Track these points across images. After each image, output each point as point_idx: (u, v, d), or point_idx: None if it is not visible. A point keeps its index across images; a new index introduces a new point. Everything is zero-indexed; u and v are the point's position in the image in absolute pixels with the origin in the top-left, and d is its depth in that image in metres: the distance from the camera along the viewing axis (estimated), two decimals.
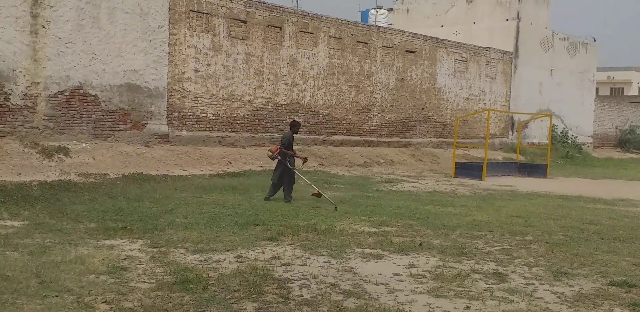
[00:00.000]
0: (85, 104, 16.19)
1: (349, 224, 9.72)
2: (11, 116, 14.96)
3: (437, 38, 26.81)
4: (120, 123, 16.86)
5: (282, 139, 12.56)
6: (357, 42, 23.14)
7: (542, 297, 5.96)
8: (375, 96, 24.00)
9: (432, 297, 5.81)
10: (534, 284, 6.46)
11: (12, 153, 14.40)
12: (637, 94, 59.28)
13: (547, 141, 26.68)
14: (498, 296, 5.93)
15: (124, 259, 6.77)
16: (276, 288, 5.85)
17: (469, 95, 28.15)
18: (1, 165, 13.79)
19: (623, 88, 62.40)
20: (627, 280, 6.63)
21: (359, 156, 22.13)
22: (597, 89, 42.70)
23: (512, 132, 30.29)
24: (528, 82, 31.23)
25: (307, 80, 21.55)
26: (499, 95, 29.86)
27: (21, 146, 14.79)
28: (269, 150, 12.40)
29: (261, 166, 17.83)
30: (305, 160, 12.92)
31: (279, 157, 12.16)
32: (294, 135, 12.69)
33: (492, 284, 6.39)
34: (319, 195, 11.94)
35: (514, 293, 6.06)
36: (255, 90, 20.00)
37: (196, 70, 18.42)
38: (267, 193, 12.26)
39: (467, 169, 20.43)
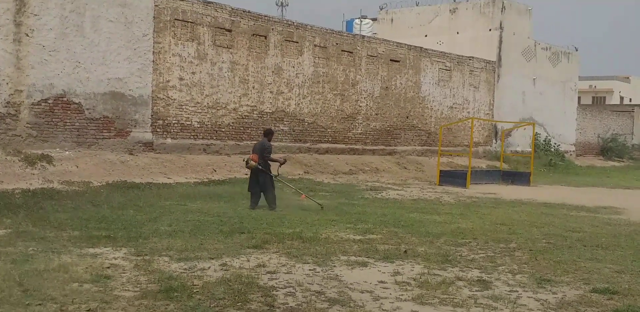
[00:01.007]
0: (69, 112, 16.09)
1: (334, 231, 9.73)
2: None
3: (421, 47, 27.02)
4: (104, 131, 16.77)
5: (266, 147, 12.37)
6: (342, 51, 23.25)
7: (525, 305, 6.01)
8: (360, 104, 24.10)
9: (417, 305, 5.83)
10: (517, 291, 6.51)
11: None
12: (618, 102, 60.09)
13: (530, 149, 26.92)
14: (482, 303, 5.97)
15: (108, 268, 6.72)
16: (261, 296, 5.84)
17: (453, 103, 28.35)
18: None
19: (605, 97, 63.17)
20: (610, 287, 6.71)
21: (344, 163, 22.17)
22: (579, 98, 43.22)
23: (496, 140, 30.53)
24: (511, 91, 31.54)
25: (292, 89, 21.59)
26: (483, 104, 30.11)
27: (4, 154, 14.65)
28: (250, 160, 12.08)
29: (246, 174, 17.71)
30: (283, 162, 12.74)
31: (260, 166, 12.04)
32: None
33: (476, 291, 6.43)
34: (305, 198, 12.04)
35: (497, 300, 6.10)
36: (240, 99, 20.00)
37: (181, 79, 18.39)
38: (252, 203, 12.13)
39: (452, 177, 20.55)
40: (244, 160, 12.45)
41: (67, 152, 15.87)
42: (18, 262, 6.66)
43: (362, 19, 35.05)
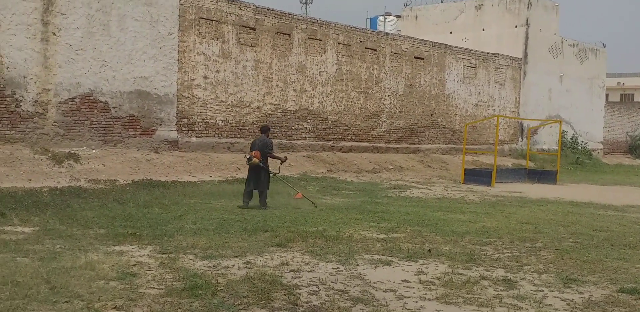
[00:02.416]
0: (96, 111, 16.30)
1: (358, 230, 9.71)
2: (22, 123, 15.09)
3: (445, 44, 26.82)
4: (130, 129, 16.96)
5: (268, 144, 12.19)
6: (366, 48, 23.18)
7: (551, 304, 5.93)
8: (384, 102, 24.01)
9: (441, 304, 5.80)
10: (543, 291, 6.43)
11: (22, 159, 14.51)
12: None
13: (557, 147, 26.58)
14: (507, 303, 5.91)
15: (134, 265, 6.79)
16: (285, 294, 5.85)
17: (478, 101, 28.10)
18: (12, 171, 13.90)
19: (633, 94, 62.08)
20: (637, 287, 6.59)
21: (367, 162, 22.12)
22: (607, 95, 42.55)
23: (522, 138, 30.20)
24: (537, 88, 31.15)
25: (316, 87, 21.60)
26: (508, 102, 29.79)
27: (32, 153, 14.90)
28: (253, 157, 11.84)
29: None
30: (285, 160, 12.62)
31: (262, 164, 11.94)
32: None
33: (501, 290, 6.37)
34: (301, 197, 12.11)
35: (523, 300, 6.03)
36: (264, 97, 20.07)
37: (205, 77, 18.51)
38: (246, 201, 11.86)
39: (476, 176, 20.38)
40: (245, 157, 12.13)
41: (93, 151, 16.09)
42: (45, 260, 6.77)
43: (386, 16, 34.89)
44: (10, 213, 9.77)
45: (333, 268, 7.05)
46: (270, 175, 12.21)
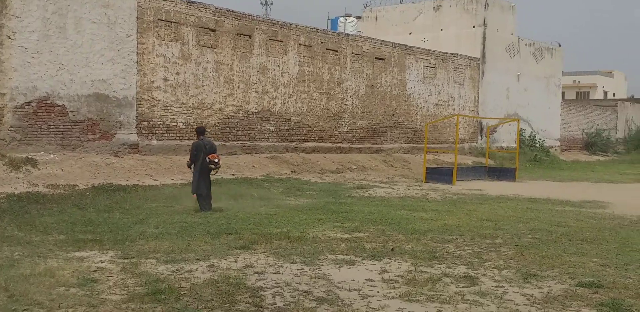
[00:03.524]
0: (53, 115, 15.98)
1: (322, 230, 9.75)
2: None
3: (405, 45, 27.10)
4: (88, 133, 16.67)
5: (214, 145, 12.07)
6: (327, 49, 23.27)
7: (512, 300, 6.06)
8: (346, 103, 24.13)
9: (405, 302, 5.87)
10: (504, 286, 6.56)
11: None
12: (602, 97, 60.62)
13: (515, 145, 27.10)
14: (469, 299, 6.01)
15: (95, 271, 6.69)
16: (249, 297, 5.85)
17: (438, 101, 28.47)
18: None
19: (589, 92, 63.72)
20: (595, 281, 6.78)
21: (331, 162, 22.20)
22: (563, 93, 43.53)
23: (481, 136, 30.69)
24: (495, 87, 31.71)
25: (278, 88, 21.58)
26: (468, 101, 30.25)
27: None
28: (217, 160, 11.68)
29: (233, 174, 17.78)
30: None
31: (219, 165, 11.81)
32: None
33: (463, 287, 6.47)
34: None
35: (484, 296, 6.15)
36: (225, 99, 19.96)
37: (165, 79, 18.32)
38: (206, 205, 11.66)
39: (438, 174, 20.64)
40: (209, 161, 11.66)
41: (51, 156, 15.76)
42: (4, 268, 6.62)
43: (346, 17, 35.05)
44: None
45: (297, 269, 7.07)
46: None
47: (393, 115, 26.18)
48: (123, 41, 17.22)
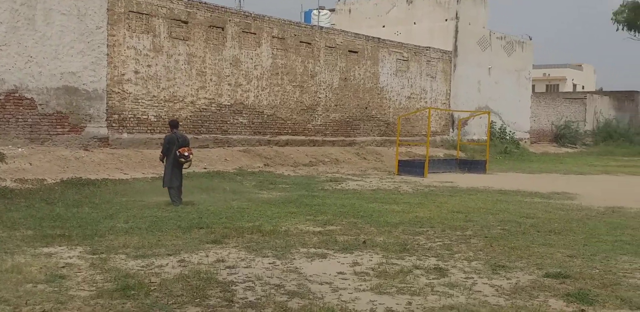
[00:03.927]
0: (21, 108, 15.69)
1: (294, 224, 9.76)
2: None
3: (378, 38, 27.14)
4: (57, 127, 16.41)
5: (187, 139, 11.99)
6: (300, 42, 23.19)
7: (480, 291, 6.14)
8: (320, 96, 24.12)
9: (375, 294, 5.91)
10: (473, 277, 6.65)
11: None
12: (571, 90, 61.56)
13: (486, 138, 27.39)
14: (439, 291, 6.08)
15: (63, 267, 6.61)
16: (220, 291, 5.83)
17: (411, 94, 28.61)
18: None
19: (558, 85, 64.65)
20: (562, 271, 6.90)
21: (304, 155, 22.20)
22: (533, 86, 44.12)
23: (453, 129, 30.96)
24: (467, 80, 31.97)
25: (251, 81, 21.47)
26: (440, 94, 30.46)
27: None
28: (187, 154, 11.57)
29: (205, 168, 17.67)
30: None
31: (189, 158, 11.72)
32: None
33: (433, 279, 6.54)
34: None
35: (454, 287, 6.22)
36: (197, 91, 19.80)
37: (136, 72, 18.10)
38: (177, 198, 11.58)
39: (410, 167, 20.77)
40: (179, 154, 11.56)
41: (20, 149, 15.49)
42: None
43: (320, 10, 34.91)
44: None
45: (269, 263, 7.07)
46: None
47: (366, 108, 26.25)
48: (93, 33, 16.95)
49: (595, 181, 20.21)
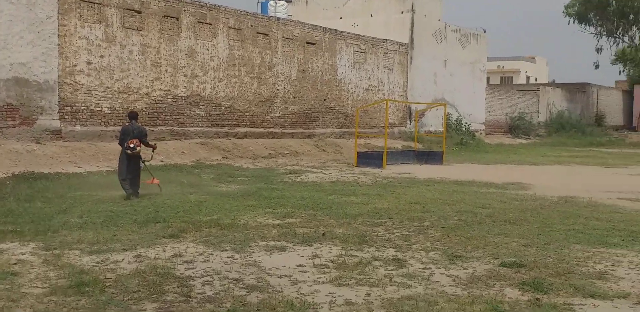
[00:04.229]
0: None
1: (253, 217, 9.70)
2: None
3: (336, 30, 27.13)
4: (8, 119, 15.91)
5: (144, 132, 11.87)
6: (257, 33, 23.00)
7: (438, 281, 6.21)
8: (278, 88, 24.00)
9: (335, 287, 5.92)
10: (430, 268, 6.72)
11: None
12: (525, 82, 62.83)
13: (443, 129, 27.74)
14: (397, 282, 6.12)
15: (15, 264, 6.42)
16: (177, 287, 5.75)
17: (369, 86, 28.74)
18: None
19: (512, 77, 65.88)
20: (517, 261, 7.03)
21: (263, 147, 22.09)
22: (488, 78, 44.85)
23: (410, 121, 31.24)
24: (423, 72, 32.27)
25: (208, 72, 21.20)
26: (397, 86, 30.68)
27: None
28: (135, 145, 11.44)
29: (162, 161, 17.39)
30: (156, 147, 12.39)
31: (135, 150, 11.52)
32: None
33: (391, 270, 6.59)
34: (157, 183, 11.93)
35: (412, 278, 6.28)
36: (152, 83, 19.45)
37: (89, 63, 17.66)
38: (130, 191, 11.40)
39: (368, 158, 20.89)
40: (127, 145, 11.44)
41: None
42: None
43: (276, 1, 34.70)
44: None
45: (228, 257, 7.00)
46: (141, 163, 11.89)
47: (324, 100, 26.25)
48: (43, 23, 16.45)
49: (549, 171, 20.69)
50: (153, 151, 12.41)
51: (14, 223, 8.59)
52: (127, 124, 12.22)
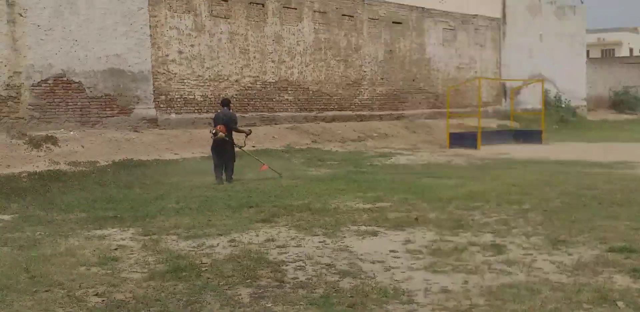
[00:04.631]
0: (70, 92, 15.91)
1: (344, 201, 9.60)
2: None
3: (423, 8, 26.38)
4: (107, 109, 16.61)
5: (234, 118, 12.11)
6: (343, 15, 22.75)
7: (541, 268, 5.86)
8: (365, 70, 23.72)
9: (430, 273, 5.71)
10: (532, 254, 6.36)
11: None
12: (628, 54, 59.03)
13: (541, 107, 26.53)
14: (496, 269, 5.83)
15: (115, 249, 6.64)
16: (271, 272, 5.73)
17: (460, 64, 27.86)
18: None
19: (614, 49, 62.08)
20: (627, 245, 6.54)
21: (351, 130, 21.96)
22: (587, 52, 42.40)
23: (505, 99, 30.10)
24: (518, 48, 30.90)
25: (294, 57, 21.23)
26: (490, 63, 29.57)
27: (8, 137, 14.55)
28: (219, 131, 11.71)
29: (254, 146, 17.62)
30: (249, 133, 12.56)
31: (227, 138, 11.80)
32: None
33: (489, 256, 6.29)
34: (267, 168, 12.18)
35: (512, 265, 5.96)
36: (242, 70, 19.71)
37: (180, 52, 18.09)
38: (220, 176, 11.74)
39: (462, 139, 20.32)
40: (211, 131, 11.98)
41: (71, 133, 15.75)
42: (25, 248, 6.60)
43: None
44: None
45: (319, 242, 6.94)
46: (236, 149, 12.08)
47: (413, 80, 25.71)
48: (135, 14, 16.97)
49: None
50: (246, 137, 12.57)
51: (115, 209, 8.93)
52: (219, 111, 12.49)
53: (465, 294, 5.09)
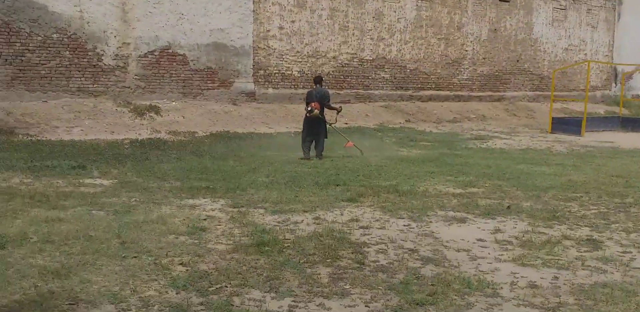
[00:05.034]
0: (174, 64, 16.47)
1: (433, 184, 9.38)
2: (104, 76, 15.47)
3: None
4: (208, 82, 17.08)
5: (327, 95, 12.12)
6: None
7: (639, 268, 5.48)
8: (466, 49, 22.97)
9: (518, 266, 5.47)
10: (631, 252, 5.96)
11: (105, 112, 14.96)
12: None
13: None
14: (590, 266, 5.51)
15: (204, 219, 6.80)
16: (352, 253, 5.69)
17: (568, 45, 26.41)
18: (96, 124, 14.37)
19: None
20: None
21: (448, 111, 21.43)
22: None
23: (616, 84, 28.31)
24: (633, 30, 28.81)
25: (394, 34, 20.87)
26: (601, 45, 27.84)
27: (114, 105, 15.32)
28: (313, 108, 11.73)
29: (346, 123, 17.61)
30: (340, 110, 12.54)
31: (320, 115, 11.80)
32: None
33: (584, 252, 5.95)
34: (352, 145, 12.21)
35: (608, 262, 5.61)
36: (340, 46, 19.61)
37: (281, 28, 18.23)
38: (306, 153, 11.81)
39: (565, 124, 19.34)
40: (306, 109, 12.00)
41: (173, 103, 16.35)
42: (119, 214, 6.88)
43: None
44: (90, 165, 10.05)
45: (404, 225, 6.82)
46: (327, 125, 12.08)
47: (517, 61, 24.67)
48: None
49: None
50: (337, 114, 12.55)
51: (208, 180, 9.16)
52: (312, 87, 12.51)
53: (554, 291, 4.84)
